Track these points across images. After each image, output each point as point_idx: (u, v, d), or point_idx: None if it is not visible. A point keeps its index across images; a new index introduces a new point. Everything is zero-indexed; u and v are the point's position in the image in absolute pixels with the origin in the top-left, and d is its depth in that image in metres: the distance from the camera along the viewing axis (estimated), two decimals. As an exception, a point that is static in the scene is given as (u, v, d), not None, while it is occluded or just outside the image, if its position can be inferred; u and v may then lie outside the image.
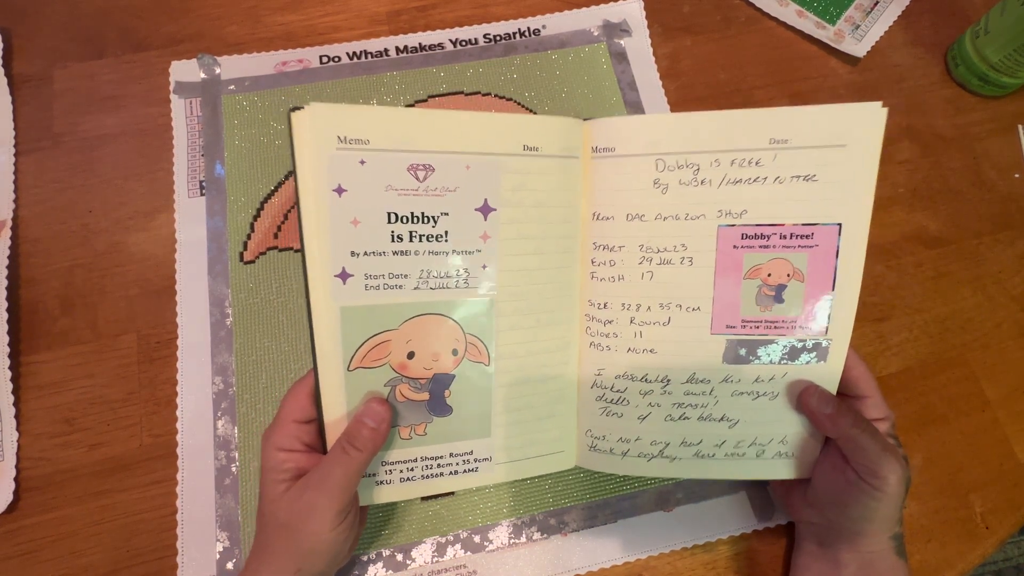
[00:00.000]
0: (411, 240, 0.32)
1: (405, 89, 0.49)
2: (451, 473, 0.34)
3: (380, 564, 0.38)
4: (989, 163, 0.50)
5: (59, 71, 0.49)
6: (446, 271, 0.32)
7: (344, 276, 0.31)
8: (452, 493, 0.40)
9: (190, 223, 0.45)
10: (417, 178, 0.31)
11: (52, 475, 0.39)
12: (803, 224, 0.33)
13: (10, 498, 0.38)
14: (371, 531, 0.39)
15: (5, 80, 0.48)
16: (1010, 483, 0.41)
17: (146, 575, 0.38)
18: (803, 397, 0.34)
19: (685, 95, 0.51)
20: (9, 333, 0.41)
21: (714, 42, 0.53)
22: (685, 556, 0.39)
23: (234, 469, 0.39)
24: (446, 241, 0.32)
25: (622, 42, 0.52)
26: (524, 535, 0.39)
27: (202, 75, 0.49)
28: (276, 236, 0.45)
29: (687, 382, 0.35)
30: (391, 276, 0.32)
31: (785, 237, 0.34)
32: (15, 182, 0.46)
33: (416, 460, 0.34)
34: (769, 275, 0.34)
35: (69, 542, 0.38)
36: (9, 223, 0.44)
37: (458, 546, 0.39)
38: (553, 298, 0.35)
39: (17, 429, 0.40)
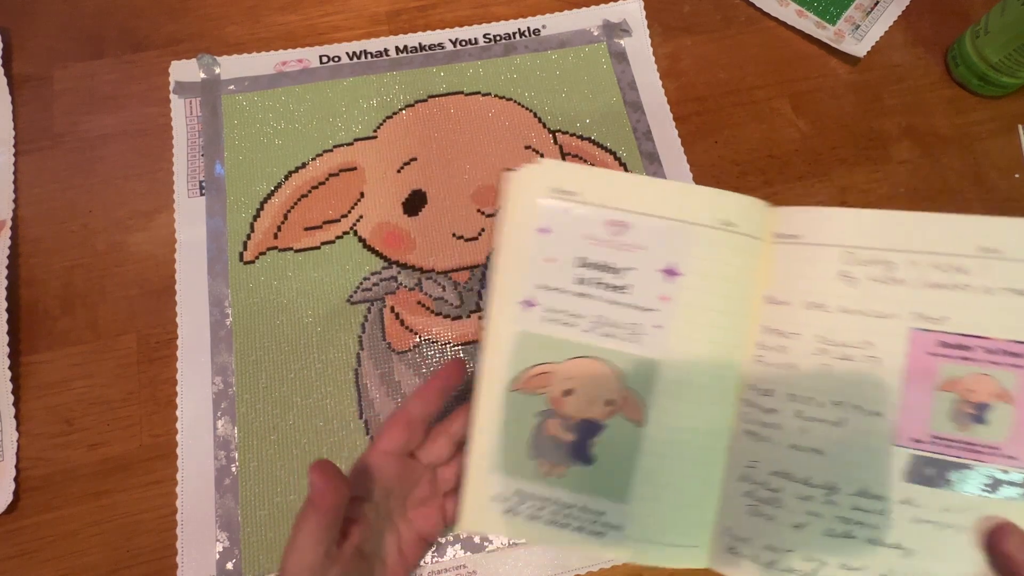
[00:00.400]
0: (595, 287, 0.33)
1: (405, 89, 0.49)
2: (577, 528, 0.33)
3: None
4: (989, 163, 0.50)
5: (59, 71, 0.49)
6: (619, 321, 0.33)
7: (528, 304, 0.33)
8: None
9: (190, 223, 0.45)
10: (612, 232, 0.33)
11: (52, 475, 0.39)
12: (1015, 341, 0.30)
13: (10, 498, 0.38)
14: None
15: (5, 80, 0.48)
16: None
17: (146, 575, 0.38)
18: (997, 537, 0.29)
19: (685, 95, 0.51)
20: (9, 333, 0.41)
21: (714, 42, 0.53)
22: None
23: (234, 469, 0.39)
24: (627, 294, 0.33)
25: (622, 42, 0.52)
26: None
27: (202, 75, 0.49)
28: (276, 236, 0.45)
29: (857, 495, 0.31)
30: (569, 315, 0.33)
31: (992, 352, 0.30)
32: (15, 182, 0.46)
33: (547, 500, 0.33)
34: (971, 391, 0.31)
35: (69, 542, 0.38)
36: (9, 223, 0.44)
37: (458, 546, 0.39)
38: (717, 375, 0.34)
39: (17, 429, 0.40)
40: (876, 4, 0.55)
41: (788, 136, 0.50)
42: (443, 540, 0.39)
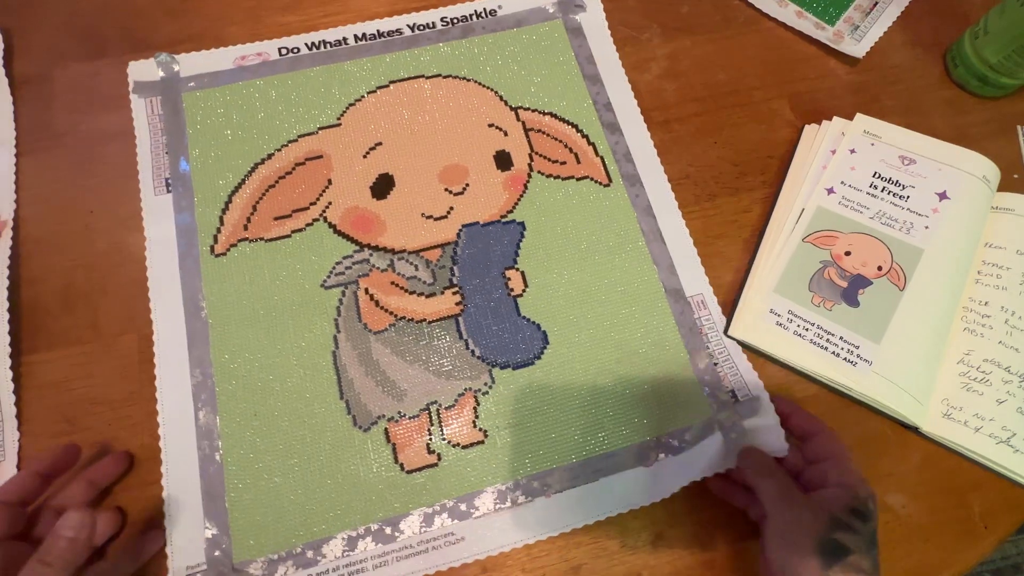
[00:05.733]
0: (881, 191, 0.47)
1: (366, 76, 0.50)
2: (833, 353, 0.43)
3: (369, 539, 0.38)
4: (988, 164, 0.50)
5: (59, 71, 0.49)
6: (896, 217, 0.46)
7: (830, 191, 0.47)
8: (436, 464, 0.40)
9: (158, 220, 0.45)
10: (902, 163, 0.48)
11: (53, 474, 0.39)
12: None
13: (11, 497, 0.38)
14: (358, 506, 0.39)
15: (6, 80, 0.48)
16: (1008, 482, 0.42)
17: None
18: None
19: (684, 95, 0.51)
20: (10, 332, 0.41)
21: (713, 43, 0.53)
22: (684, 556, 0.39)
23: (218, 457, 0.39)
24: (905, 201, 0.46)
25: (577, 17, 0.53)
26: (509, 499, 0.39)
27: (160, 74, 0.49)
28: (246, 228, 0.45)
29: None
30: (859, 204, 0.47)
31: None
32: (16, 182, 0.46)
33: (814, 324, 0.43)
34: None
35: (70, 541, 0.38)
36: (10, 223, 0.44)
37: (445, 515, 0.39)
38: (957, 270, 0.45)
39: (18, 429, 0.40)
40: (875, 5, 0.55)
41: (787, 136, 0.50)
42: (429, 510, 0.39)
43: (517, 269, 0.45)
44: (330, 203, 0.46)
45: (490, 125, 0.49)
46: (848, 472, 0.36)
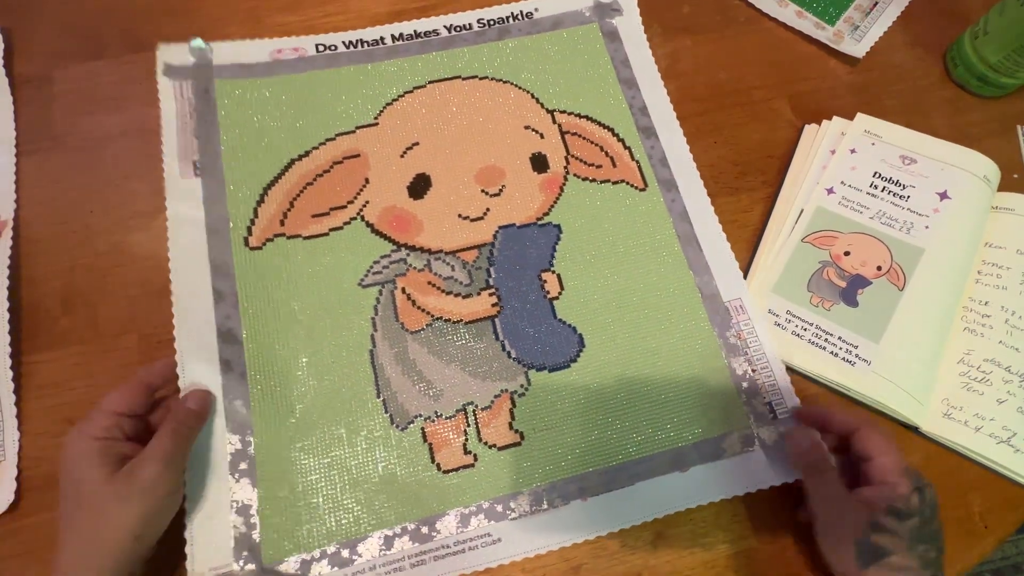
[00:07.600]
0: (881, 191, 0.47)
1: (403, 76, 0.50)
2: (831, 353, 0.43)
3: (406, 538, 0.38)
4: (988, 163, 0.50)
5: (59, 71, 0.49)
6: (896, 217, 0.46)
7: (830, 191, 0.47)
8: (473, 465, 0.40)
9: (183, 202, 0.44)
10: (903, 163, 0.48)
11: (53, 474, 0.39)
12: None
13: (11, 498, 0.38)
14: (395, 505, 0.39)
15: (6, 80, 0.48)
16: (1009, 482, 0.42)
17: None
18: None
19: (685, 95, 0.51)
20: (10, 333, 0.41)
21: (714, 42, 0.53)
22: (684, 556, 0.39)
23: (251, 452, 0.39)
24: (906, 200, 0.46)
25: (613, 21, 0.53)
26: (545, 501, 0.39)
27: (192, 59, 0.48)
28: (283, 224, 0.44)
29: None
30: (859, 204, 0.47)
31: None
32: (16, 182, 0.46)
33: (812, 324, 0.44)
34: None
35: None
36: (10, 223, 0.44)
37: (481, 516, 0.39)
38: (958, 270, 0.45)
39: (18, 429, 0.40)
40: (875, 5, 0.55)
41: (788, 136, 0.50)
42: (466, 510, 0.39)
43: (553, 272, 0.45)
44: (367, 202, 0.46)
45: (526, 127, 0.49)
46: (887, 470, 0.35)
